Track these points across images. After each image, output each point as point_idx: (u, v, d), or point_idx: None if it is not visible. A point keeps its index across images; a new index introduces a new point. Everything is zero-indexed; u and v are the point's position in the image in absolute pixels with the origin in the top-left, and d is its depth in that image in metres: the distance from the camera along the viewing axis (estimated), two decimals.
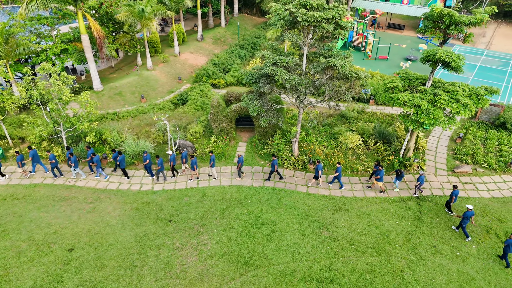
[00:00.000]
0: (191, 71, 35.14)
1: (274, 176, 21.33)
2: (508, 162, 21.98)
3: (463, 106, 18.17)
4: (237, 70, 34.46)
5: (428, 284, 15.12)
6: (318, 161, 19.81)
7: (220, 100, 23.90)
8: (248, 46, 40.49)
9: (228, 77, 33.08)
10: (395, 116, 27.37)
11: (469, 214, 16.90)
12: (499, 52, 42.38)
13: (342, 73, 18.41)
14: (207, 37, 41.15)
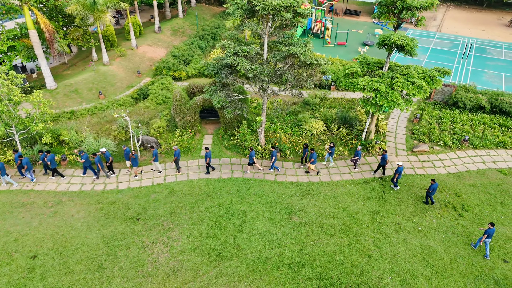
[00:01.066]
0: (151, 64, 34.17)
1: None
2: (462, 139, 23.28)
3: (418, 88, 18.96)
4: (198, 62, 33.92)
5: (394, 259, 15.85)
6: (251, 148, 20.05)
7: (182, 93, 23.46)
8: (208, 36, 39.89)
9: (189, 69, 32.49)
10: (355, 100, 28.12)
11: (400, 170, 18.91)
12: (449, 35, 44.47)
13: (302, 61, 18.59)
14: (165, 29, 40.07)
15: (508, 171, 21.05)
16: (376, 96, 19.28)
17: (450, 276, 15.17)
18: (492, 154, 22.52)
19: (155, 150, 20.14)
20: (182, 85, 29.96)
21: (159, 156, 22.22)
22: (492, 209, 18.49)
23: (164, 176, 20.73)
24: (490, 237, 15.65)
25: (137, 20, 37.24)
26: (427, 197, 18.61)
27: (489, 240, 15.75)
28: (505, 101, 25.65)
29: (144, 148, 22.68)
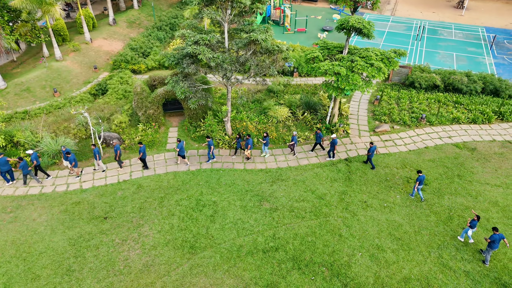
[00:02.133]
0: (107, 58, 32.85)
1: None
2: (419, 117, 24.33)
3: (377, 69, 19.53)
4: (157, 53, 33.01)
5: (363, 236, 16.44)
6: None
7: (143, 86, 22.79)
8: (166, 27, 38.85)
9: (149, 61, 31.58)
10: (318, 85, 28.57)
11: (335, 142, 20.06)
12: (403, 18, 46.01)
13: (264, 48, 18.58)
14: (120, 21, 38.57)
15: (462, 145, 22.30)
16: (337, 79, 19.66)
17: (415, 247, 15.97)
18: (447, 130, 23.74)
19: (96, 149, 19.29)
20: (142, 78, 29.10)
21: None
22: (450, 182, 19.56)
23: (130, 172, 20.17)
24: (422, 184, 17.74)
25: (90, 12, 35.54)
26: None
27: (421, 186, 17.82)
28: (457, 79, 27.02)
29: (107, 145, 21.91)
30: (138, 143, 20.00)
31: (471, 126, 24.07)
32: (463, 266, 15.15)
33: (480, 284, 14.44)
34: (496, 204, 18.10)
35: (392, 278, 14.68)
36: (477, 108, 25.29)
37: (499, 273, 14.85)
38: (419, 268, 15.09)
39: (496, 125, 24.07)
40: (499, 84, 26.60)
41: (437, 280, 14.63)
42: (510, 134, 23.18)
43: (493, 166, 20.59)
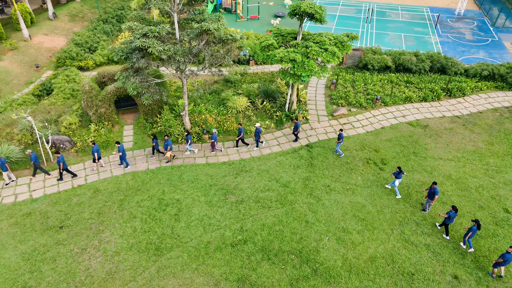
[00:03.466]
0: (50, 56, 30.65)
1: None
2: (374, 99, 24.95)
3: (332, 54, 19.64)
4: (105, 48, 31.23)
5: (329, 220, 16.67)
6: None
7: (92, 84, 21.47)
8: (113, 19, 36.80)
9: (96, 57, 29.83)
10: (275, 73, 28.43)
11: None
12: (352, 1, 46.76)
13: (217, 37, 18.03)
14: (61, 15, 36.04)
15: (416, 122, 23.17)
16: (293, 66, 19.57)
17: (379, 226, 16.45)
18: (401, 109, 24.55)
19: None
20: (90, 75, 27.45)
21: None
22: (407, 159, 20.29)
23: (85, 176, 19.05)
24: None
25: (26, 7, 32.83)
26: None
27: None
28: (407, 59, 27.94)
29: (57, 149, 20.50)
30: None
31: (422, 104, 25.06)
32: (423, 240, 15.82)
33: (440, 255, 15.15)
34: (449, 177, 19.02)
35: (359, 259, 15.03)
36: (427, 86, 26.35)
37: (457, 243, 15.65)
38: (383, 246, 15.56)
39: (445, 102, 25.23)
40: (446, 62, 27.82)
41: (400, 255, 15.17)
42: (458, 109, 24.40)
43: (445, 141, 21.60)
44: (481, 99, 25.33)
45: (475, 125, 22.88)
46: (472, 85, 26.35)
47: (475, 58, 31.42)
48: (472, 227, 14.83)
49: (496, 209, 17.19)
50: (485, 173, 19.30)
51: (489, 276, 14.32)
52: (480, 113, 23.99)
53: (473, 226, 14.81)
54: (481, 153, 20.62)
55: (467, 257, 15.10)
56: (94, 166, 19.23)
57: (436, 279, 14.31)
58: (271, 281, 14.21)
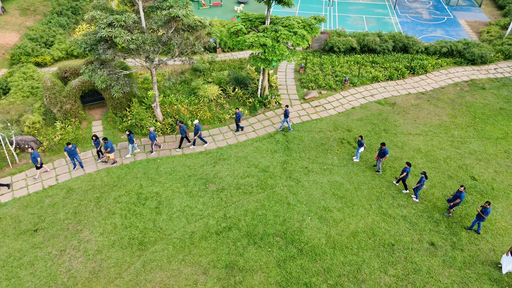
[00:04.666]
0: (3, 53, 28.69)
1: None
2: (343, 80, 25.46)
3: (301, 37, 19.75)
4: (62, 42, 29.66)
5: (309, 200, 17.01)
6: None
7: (54, 79, 20.39)
8: (68, 12, 34.89)
9: (54, 52, 28.28)
10: (243, 59, 28.24)
11: (198, 128, 19.09)
12: None
13: (186, 24, 17.59)
14: (10, 9, 33.71)
15: (384, 101, 23.92)
16: (264, 51, 19.52)
17: (358, 202, 16.99)
18: (369, 89, 25.23)
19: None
20: (50, 71, 26.08)
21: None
22: (378, 137, 20.96)
23: (56, 176, 18.22)
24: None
25: None
26: None
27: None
28: (371, 40, 28.64)
29: (22, 150, 19.44)
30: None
31: (389, 82, 25.87)
32: (400, 212, 16.53)
33: (416, 225, 15.92)
34: (419, 151, 19.89)
35: (341, 235, 15.49)
36: (392, 65, 27.19)
37: (430, 212, 16.49)
38: (363, 221, 16.12)
39: (410, 79, 26.19)
40: (407, 41, 28.79)
41: (380, 228, 15.79)
42: (422, 86, 25.41)
43: (412, 117, 22.49)
44: (442, 75, 26.51)
45: (438, 100, 23.96)
46: (433, 62, 27.49)
47: (433, 36, 32.73)
48: (421, 179, 16.23)
49: (464, 178, 18.23)
50: (451, 144, 20.34)
51: (462, 243, 15.24)
52: (442, 88, 25.13)
53: (422, 178, 16.21)
54: (446, 126, 21.68)
55: (441, 224, 15.96)
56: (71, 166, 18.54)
57: (414, 247, 15.04)
58: (259, 264, 14.37)
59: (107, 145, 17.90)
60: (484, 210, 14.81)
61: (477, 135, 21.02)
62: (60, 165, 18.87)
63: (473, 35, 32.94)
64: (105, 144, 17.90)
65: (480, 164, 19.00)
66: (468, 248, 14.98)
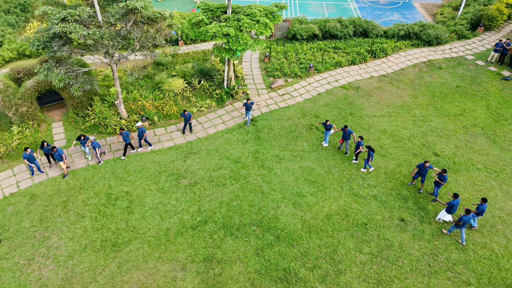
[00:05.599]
0: None
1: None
2: (307, 67, 25.70)
3: (264, 25, 19.66)
4: (13, 41, 27.92)
5: (283, 188, 17.16)
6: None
7: (6, 81, 19.21)
8: (16, 9, 32.81)
9: (4, 52, 26.58)
10: (207, 51, 27.82)
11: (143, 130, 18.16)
12: None
13: (146, 16, 17.02)
14: None
15: (348, 85, 24.40)
16: (228, 41, 19.29)
17: (329, 185, 17.33)
18: (333, 74, 25.62)
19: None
20: (1, 73, 24.47)
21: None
22: (345, 121, 21.40)
23: (17, 183, 17.28)
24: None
25: None
26: None
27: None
28: (332, 26, 29.02)
29: None
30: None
31: (352, 67, 26.39)
32: (370, 192, 17.03)
33: (387, 203, 16.48)
34: (385, 132, 20.52)
35: (316, 219, 15.77)
36: (353, 50, 27.73)
37: (399, 190, 17.10)
38: (336, 203, 16.48)
39: (371, 63, 26.84)
40: (367, 25, 29.43)
41: (353, 209, 16.21)
42: (383, 69, 26.13)
43: (376, 100, 23.12)
44: (402, 57, 27.36)
45: (399, 81, 24.75)
46: (392, 45, 28.30)
47: (391, 20, 33.65)
48: (369, 152, 17.03)
49: (428, 154, 19.01)
50: (413, 123, 21.13)
51: (430, 217, 15.95)
52: (402, 70, 25.96)
53: (370, 151, 17.03)
54: (408, 106, 22.46)
55: (409, 201, 16.61)
56: None
57: (386, 224, 15.59)
58: (237, 255, 14.38)
59: (59, 152, 16.79)
60: (442, 177, 15.65)
61: (437, 113, 21.95)
62: (20, 171, 17.90)
63: (428, 17, 34.17)
64: (55, 153, 16.79)
65: (442, 141, 19.88)
66: (435, 221, 15.70)
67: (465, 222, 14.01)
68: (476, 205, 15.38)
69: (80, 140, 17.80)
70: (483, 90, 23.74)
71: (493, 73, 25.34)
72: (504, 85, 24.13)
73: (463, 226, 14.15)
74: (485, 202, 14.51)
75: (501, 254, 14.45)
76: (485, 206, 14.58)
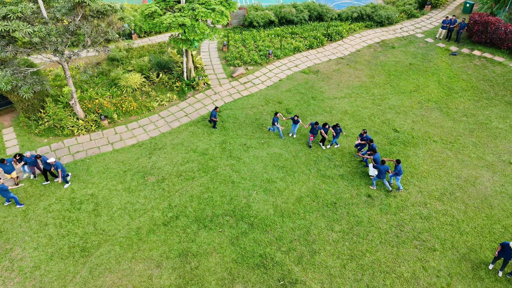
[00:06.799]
0: None
1: None
2: (267, 54, 25.70)
3: (220, 13, 19.34)
4: None
5: (253, 175, 17.22)
6: None
7: None
8: None
9: None
10: (162, 43, 27.05)
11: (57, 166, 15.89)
12: None
13: (94, 9, 16.20)
14: None
15: (308, 70, 24.72)
16: (184, 31, 18.84)
17: (298, 169, 17.60)
18: (292, 60, 25.83)
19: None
20: None
21: None
22: (307, 105, 21.71)
23: None
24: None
25: None
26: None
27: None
28: (287, 12, 29.12)
29: None
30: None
31: (310, 51, 26.71)
32: (337, 172, 17.49)
33: (353, 181, 17.01)
34: (346, 113, 21.05)
35: (287, 203, 16.00)
36: (310, 34, 28.04)
37: (363, 168, 17.69)
38: (305, 186, 16.79)
39: (328, 46, 27.29)
40: (321, 9, 29.79)
41: (322, 190, 16.60)
42: (340, 51, 26.67)
43: (335, 82, 23.61)
44: (357, 39, 28.04)
45: (356, 63, 25.39)
46: (347, 27, 28.89)
47: (344, 3, 34.25)
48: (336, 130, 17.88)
49: (388, 131, 19.76)
50: (373, 102, 21.83)
51: (394, 190, 16.66)
52: (358, 51, 26.63)
53: (338, 129, 17.78)
54: (366, 87, 23.15)
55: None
56: None
57: (354, 202, 16.11)
58: (212, 246, 14.34)
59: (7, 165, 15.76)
60: (396, 169, 15.99)
61: (393, 91, 22.80)
62: None
63: None
64: (3, 166, 15.70)
65: (400, 117, 20.72)
66: (399, 194, 16.44)
67: (382, 171, 15.78)
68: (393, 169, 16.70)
69: (18, 160, 16.25)
70: (434, 66, 24.90)
71: (442, 49, 26.63)
72: (453, 60, 25.44)
73: (383, 176, 15.98)
74: (399, 163, 15.79)
75: (461, 219, 15.42)
76: (400, 166, 15.80)
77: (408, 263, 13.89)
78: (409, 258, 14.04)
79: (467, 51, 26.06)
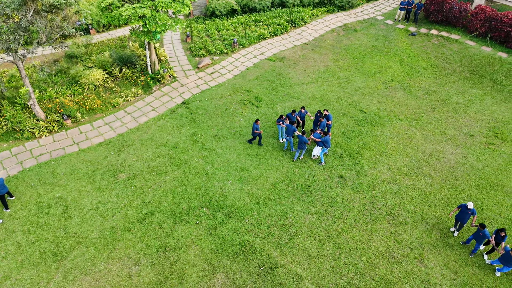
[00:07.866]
0: None
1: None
2: (232, 43, 25.45)
3: (181, 3, 18.90)
4: None
5: (226, 165, 17.15)
6: None
7: None
8: None
9: None
10: (123, 37, 26.16)
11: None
12: None
13: (47, 3, 15.36)
14: None
15: (274, 57, 24.73)
16: (145, 23, 18.28)
17: (271, 156, 17.69)
18: (258, 47, 25.73)
19: None
20: None
21: None
22: (276, 92, 21.78)
23: None
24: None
25: None
26: None
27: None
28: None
29: None
30: None
31: (275, 38, 26.70)
32: (309, 156, 17.72)
33: (325, 163, 17.31)
34: (314, 97, 21.30)
35: (263, 190, 16.10)
36: (274, 21, 27.99)
37: (334, 149, 18.02)
38: (279, 172, 16.93)
39: (292, 32, 27.38)
40: None
41: (295, 174, 16.80)
42: (305, 37, 26.84)
43: (302, 68, 23.78)
44: (320, 24, 28.29)
45: (321, 47, 25.66)
46: (309, 13, 29.06)
47: None
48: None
49: (355, 113, 20.20)
50: (339, 86, 22.20)
51: (365, 170, 17.11)
52: (322, 36, 26.90)
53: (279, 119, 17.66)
54: (332, 70, 23.48)
55: (345, 158, 17.62)
56: None
57: (327, 183, 16.43)
58: (190, 239, 14.23)
59: None
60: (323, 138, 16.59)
61: (358, 73, 23.26)
62: None
63: None
64: None
65: (366, 98, 21.21)
66: (370, 173, 16.92)
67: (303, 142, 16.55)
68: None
69: None
70: (395, 47, 25.60)
71: (402, 30, 27.39)
72: (412, 40, 26.24)
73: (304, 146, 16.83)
74: (326, 134, 16.59)
75: (428, 192, 16.10)
76: (327, 137, 16.54)
77: (382, 238, 14.39)
78: (383, 233, 14.55)
79: (425, 30, 26.94)
